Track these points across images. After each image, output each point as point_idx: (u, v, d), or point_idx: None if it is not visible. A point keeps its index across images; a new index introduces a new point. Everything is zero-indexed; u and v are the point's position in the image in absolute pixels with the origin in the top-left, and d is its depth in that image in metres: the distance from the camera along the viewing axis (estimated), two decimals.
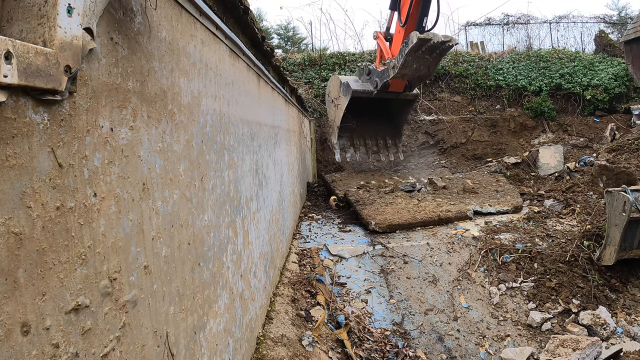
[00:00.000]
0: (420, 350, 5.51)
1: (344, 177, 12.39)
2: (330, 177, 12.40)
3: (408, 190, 10.45)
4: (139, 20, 1.65)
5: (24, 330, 1.03)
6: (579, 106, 15.80)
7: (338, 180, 11.94)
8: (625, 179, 8.44)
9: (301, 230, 8.95)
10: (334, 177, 12.41)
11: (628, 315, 5.74)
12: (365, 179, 12.09)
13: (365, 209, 9.15)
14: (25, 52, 1.01)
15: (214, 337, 2.59)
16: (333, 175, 12.73)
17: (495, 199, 9.99)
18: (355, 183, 11.48)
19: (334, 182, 11.74)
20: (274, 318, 4.59)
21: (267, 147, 5.04)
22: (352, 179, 12.13)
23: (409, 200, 9.68)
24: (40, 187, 1.10)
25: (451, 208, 9.20)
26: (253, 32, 3.85)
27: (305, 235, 8.59)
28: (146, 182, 1.70)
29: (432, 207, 9.26)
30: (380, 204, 9.43)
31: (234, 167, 3.26)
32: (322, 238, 8.41)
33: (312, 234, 8.68)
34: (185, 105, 2.17)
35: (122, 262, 1.49)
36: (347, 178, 12.20)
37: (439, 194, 10.30)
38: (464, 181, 11.13)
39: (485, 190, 10.63)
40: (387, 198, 9.84)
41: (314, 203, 11.69)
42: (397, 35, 11.28)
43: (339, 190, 10.89)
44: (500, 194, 10.36)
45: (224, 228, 2.90)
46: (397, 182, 11.73)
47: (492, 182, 11.18)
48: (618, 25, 22.16)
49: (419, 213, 8.89)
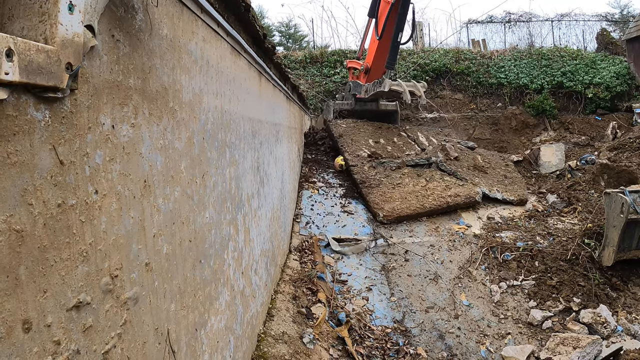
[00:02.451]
0: (421, 348, 5.52)
1: (353, 129, 11.64)
2: (336, 128, 11.66)
3: (418, 164, 10.08)
4: (140, 17, 1.65)
5: (26, 328, 1.03)
6: (581, 104, 15.77)
7: (345, 135, 11.23)
8: (627, 177, 8.43)
9: (302, 207, 8.71)
10: (341, 128, 11.66)
11: (629, 314, 5.74)
12: (374, 135, 11.55)
13: (371, 194, 8.87)
14: (27, 49, 1.01)
15: (215, 335, 2.60)
16: (340, 125, 11.92)
17: (503, 185, 9.80)
18: (364, 143, 10.96)
19: (342, 138, 11.09)
20: (275, 315, 4.59)
21: (268, 144, 5.04)
22: (361, 133, 11.52)
23: (417, 181, 9.34)
24: (42, 185, 1.10)
25: (460, 191, 8.90)
26: (254, 30, 3.85)
27: (307, 215, 8.43)
28: (147, 179, 1.70)
29: (441, 189, 8.96)
30: (387, 186, 9.11)
31: (235, 164, 3.26)
32: (324, 220, 8.29)
33: (314, 215, 8.48)
34: (187, 103, 2.17)
35: (123, 260, 1.49)
36: (356, 132, 11.53)
37: (450, 164, 9.97)
38: (475, 156, 10.87)
39: (494, 172, 10.41)
40: (394, 177, 9.48)
41: (314, 158, 11.15)
42: (372, 43, 11.95)
43: (347, 154, 10.42)
44: (509, 180, 10.16)
45: (225, 225, 2.90)
46: (407, 143, 11.39)
47: (502, 165, 10.94)
48: (620, 24, 22.06)
49: (427, 199, 8.66)
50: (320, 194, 9.35)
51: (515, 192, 9.60)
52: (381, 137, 11.66)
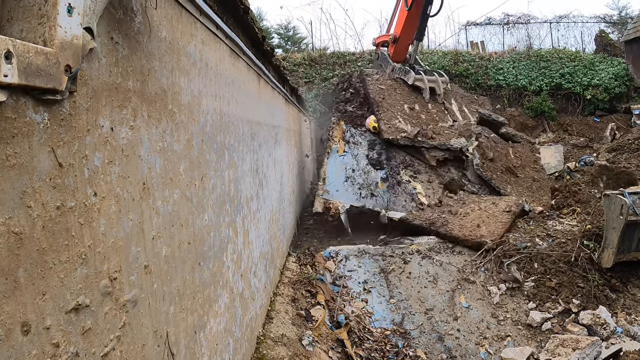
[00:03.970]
0: (420, 350, 5.51)
1: (389, 90, 11.17)
2: (374, 86, 11.02)
3: (453, 179, 9.76)
4: (139, 19, 1.65)
5: (24, 330, 1.03)
6: (579, 106, 15.79)
7: (381, 97, 10.73)
8: (626, 179, 8.43)
9: (326, 164, 9.24)
10: (377, 88, 11.05)
11: (628, 315, 5.74)
12: (409, 99, 11.12)
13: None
14: (26, 51, 1.01)
15: (214, 337, 2.59)
16: (378, 83, 11.27)
17: (531, 192, 9.31)
18: (399, 109, 10.53)
19: (377, 100, 10.52)
20: (274, 317, 4.59)
21: (267, 146, 5.04)
22: (397, 96, 11.05)
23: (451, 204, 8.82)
24: (41, 187, 1.10)
25: (490, 222, 7.80)
26: (253, 32, 3.85)
27: (330, 177, 9.00)
28: (146, 181, 1.70)
29: (474, 217, 8.06)
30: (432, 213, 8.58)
31: (234, 166, 3.26)
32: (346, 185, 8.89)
33: (336, 176, 9.03)
34: (186, 105, 2.17)
35: (122, 262, 1.49)
36: (392, 94, 11.03)
37: (485, 169, 9.51)
38: (507, 151, 10.51)
39: (524, 172, 9.90)
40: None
41: (346, 110, 10.67)
42: (402, 13, 12.04)
43: (383, 123, 9.91)
44: (536, 185, 9.63)
45: (224, 228, 2.90)
46: (440, 111, 11.20)
47: (531, 161, 10.48)
48: (618, 25, 22.15)
49: (461, 229, 7.78)
50: (345, 154, 9.53)
51: (540, 200, 9.10)
52: (416, 102, 11.24)
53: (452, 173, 9.92)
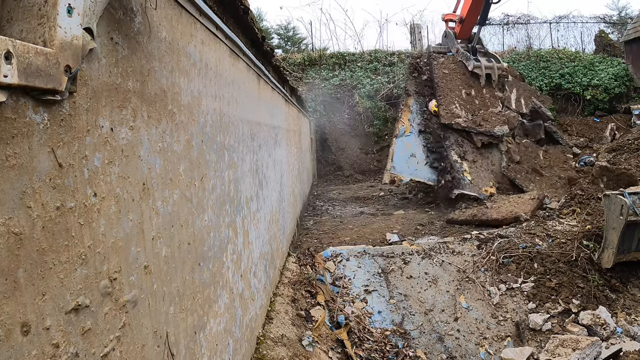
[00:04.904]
0: (420, 350, 5.51)
1: (451, 74, 11.98)
2: (439, 70, 11.94)
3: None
4: (139, 20, 1.65)
5: (24, 330, 1.03)
6: (579, 106, 15.81)
7: (444, 81, 11.64)
8: (626, 180, 8.41)
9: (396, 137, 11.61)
10: (441, 72, 11.97)
11: (628, 315, 5.74)
12: (467, 84, 11.90)
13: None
14: (25, 52, 1.01)
15: (214, 337, 2.59)
16: (442, 66, 12.15)
17: (554, 189, 9.98)
18: (457, 94, 11.45)
19: (440, 84, 11.52)
20: (274, 318, 4.58)
21: (267, 147, 5.04)
22: (457, 80, 11.88)
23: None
24: (40, 187, 1.10)
25: (521, 206, 9.08)
26: (253, 32, 3.86)
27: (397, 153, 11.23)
28: (146, 182, 1.70)
29: (507, 205, 9.25)
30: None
31: (234, 167, 3.26)
32: (411, 161, 11.33)
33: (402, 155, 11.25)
34: (185, 105, 2.17)
35: (122, 262, 1.49)
36: (454, 78, 11.90)
37: (510, 170, 10.47)
38: (537, 154, 11.08)
39: (551, 172, 10.63)
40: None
41: (416, 90, 11.87)
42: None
43: (442, 108, 10.98)
44: (561, 182, 10.32)
45: (224, 228, 2.90)
46: (492, 97, 11.73)
47: (561, 161, 11.09)
48: (618, 25, 22.17)
49: (499, 214, 8.97)
50: (410, 134, 10.84)
51: (560, 196, 9.62)
52: (472, 87, 11.99)
53: (494, 155, 11.11)
